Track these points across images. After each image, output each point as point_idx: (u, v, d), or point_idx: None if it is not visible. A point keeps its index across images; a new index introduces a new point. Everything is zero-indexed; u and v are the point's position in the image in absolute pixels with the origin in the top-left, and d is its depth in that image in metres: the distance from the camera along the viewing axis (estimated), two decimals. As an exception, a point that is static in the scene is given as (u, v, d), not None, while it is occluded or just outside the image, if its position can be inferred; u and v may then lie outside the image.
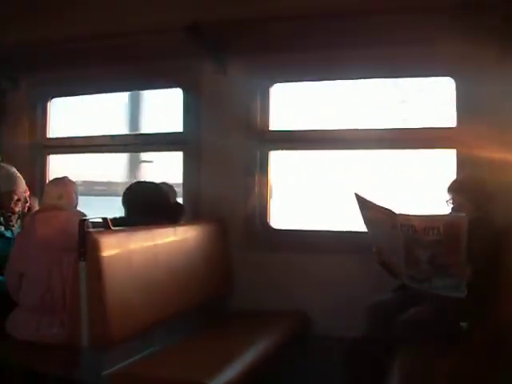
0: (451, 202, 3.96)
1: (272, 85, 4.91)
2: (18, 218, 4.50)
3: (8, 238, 4.41)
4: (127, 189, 4.36)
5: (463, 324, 3.61)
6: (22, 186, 4.48)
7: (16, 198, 4.42)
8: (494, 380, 2.98)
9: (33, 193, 5.12)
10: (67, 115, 6.32)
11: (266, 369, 3.98)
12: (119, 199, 4.33)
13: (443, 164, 4.69)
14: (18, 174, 4.50)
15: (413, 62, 4.44)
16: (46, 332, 3.69)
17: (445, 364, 3.20)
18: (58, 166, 5.95)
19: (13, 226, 4.46)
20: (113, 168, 6.98)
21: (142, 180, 4.46)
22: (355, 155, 5.02)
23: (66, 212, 3.98)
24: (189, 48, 4.63)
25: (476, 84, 4.29)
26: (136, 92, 6.08)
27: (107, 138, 5.56)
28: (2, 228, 4.40)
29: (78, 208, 4.16)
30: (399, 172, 5.33)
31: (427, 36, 4.17)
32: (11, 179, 4.44)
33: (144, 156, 6.94)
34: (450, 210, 3.96)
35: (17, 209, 4.44)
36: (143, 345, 3.57)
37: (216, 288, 4.55)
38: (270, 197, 4.94)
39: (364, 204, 3.78)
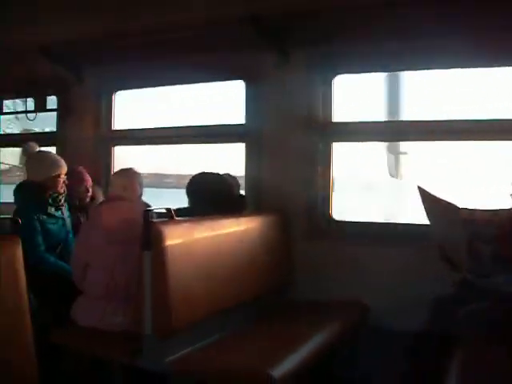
0: None
1: (335, 76, 4.87)
2: (64, 199, 4.70)
3: (58, 218, 4.63)
4: (191, 180, 4.40)
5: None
6: (65, 169, 4.66)
7: (62, 180, 4.60)
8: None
9: (98, 184, 5.23)
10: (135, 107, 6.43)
11: (326, 358, 3.98)
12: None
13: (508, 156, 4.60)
14: (60, 158, 4.70)
15: (493, 50, 4.32)
16: (110, 320, 3.77)
17: (506, 362, 3.14)
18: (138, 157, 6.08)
19: (62, 205, 4.66)
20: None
21: (206, 171, 4.48)
22: (419, 147, 4.96)
23: (130, 203, 4.05)
24: (251, 39, 4.64)
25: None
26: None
27: (171, 129, 5.62)
28: (53, 209, 4.56)
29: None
30: (462, 164, 5.24)
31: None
32: (56, 164, 4.64)
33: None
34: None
35: (62, 190, 4.62)
36: (205, 333, 3.60)
37: (277, 278, 4.56)
38: (332, 188, 4.92)
39: (426, 197, 3.74)
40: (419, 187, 3.73)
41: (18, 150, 5.23)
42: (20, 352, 2.71)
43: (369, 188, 6.08)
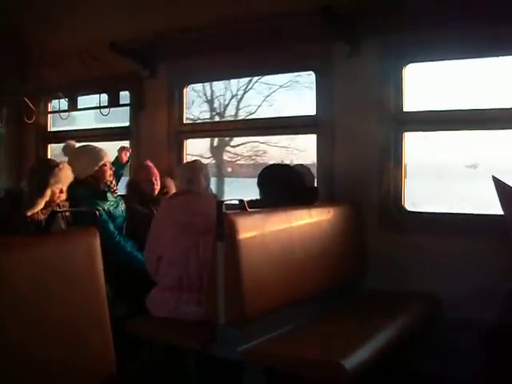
0: None
1: (406, 65, 4.80)
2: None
3: (116, 200, 4.88)
4: (262, 171, 4.42)
5: None
6: (108, 156, 4.89)
7: (109, 167, 4.83)
8: None
9: (170, 176, 5.32)
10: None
11: (400, 350, 3.95)
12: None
13: None
14: (100, 148, 4.89)
15: None
16: (183, 310, 3.84)
17: None
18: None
19: (116, 188, 4.92)
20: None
21: (277, 163, 4.50)
22: (496, 136, 4.83)
23: (197, 195, 4.09)
24: (322, 30, 4.63)
25: None
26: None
27: (241, 122, 5.68)
28: (109, 194, 4.81)
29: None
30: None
31: None
32: (99, 155, 4.83)
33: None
34: None
35: (110, 178, 4.84)
36: (277, 323, 3.63)
37: (349, 269, 4.54)
38: (405, 178, 4.86)
39: (501, 187, 3.67)
40: (494, 177, 3.67)
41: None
42: (99, 341, 2.78)
43: (444, 177, 5.96)
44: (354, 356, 3.22)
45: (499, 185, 3.67)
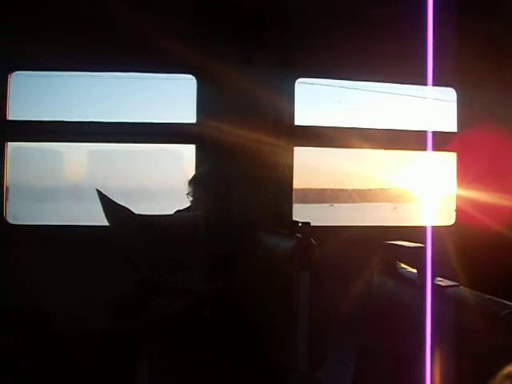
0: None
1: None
2: None
3: None
4: None
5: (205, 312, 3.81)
6: None
7: None
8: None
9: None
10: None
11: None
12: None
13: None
14: None
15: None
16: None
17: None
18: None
19: None
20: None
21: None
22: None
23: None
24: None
25: None
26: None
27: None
28: None
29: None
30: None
31: None
32: None
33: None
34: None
35: None
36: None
37: None
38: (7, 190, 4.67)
39: (105, 201, 3.80)
40: (98, 190, 3.78)
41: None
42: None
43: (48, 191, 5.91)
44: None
45: (103, 198, 3.79)
